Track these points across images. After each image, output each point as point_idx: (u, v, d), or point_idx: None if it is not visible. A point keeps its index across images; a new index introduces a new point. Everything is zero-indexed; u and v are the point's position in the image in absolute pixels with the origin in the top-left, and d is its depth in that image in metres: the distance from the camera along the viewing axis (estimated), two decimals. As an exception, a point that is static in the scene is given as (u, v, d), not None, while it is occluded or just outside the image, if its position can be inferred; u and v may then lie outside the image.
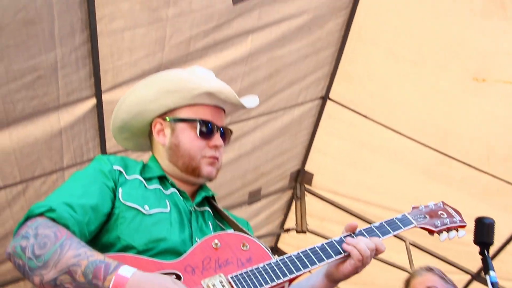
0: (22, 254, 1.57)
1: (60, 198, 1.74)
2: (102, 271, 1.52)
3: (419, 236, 5.95)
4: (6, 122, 3.53)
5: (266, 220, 6.93)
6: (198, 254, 1.77)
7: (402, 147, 5.26)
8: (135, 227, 1.81)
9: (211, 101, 2.08)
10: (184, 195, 2.05)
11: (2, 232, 4.32)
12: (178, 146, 2.04)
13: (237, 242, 1.84)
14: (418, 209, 2.20)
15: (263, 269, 1.75)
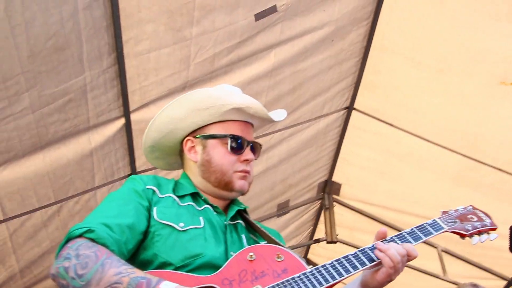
0: (65, 274, 1.62)
1: (98, 219, 1.80)
2: (144, 287, 1.56)
3: (451, 243, 5.90)
4: (40, 146, 3.63)
5: (295, 231, 6.93)
6: (234, 267, 1.80)
7: (430, 154, 5.23)
8: (171, 244, 1.85)
9: (240, 117, 2.13)
10: (217, 210, 2.09)
11: (39, 251, 4.41)
12: (210, 162, 2.09)
13: (272, 253, 1.86)
14: (448, 214, 2.19)
15: (299, 279, 1.76)
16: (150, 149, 2.27)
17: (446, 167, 5.28)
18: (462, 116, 4.79)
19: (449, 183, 5.37)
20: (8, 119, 3.31)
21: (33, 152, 3.66)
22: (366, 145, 5.60)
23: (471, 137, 4.90)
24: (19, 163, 3.66)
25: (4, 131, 3.36)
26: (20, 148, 3.56)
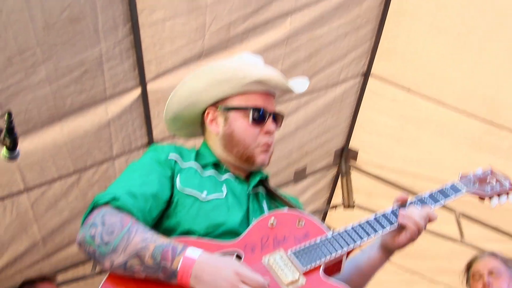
0: (92, 241, 1.65)
1: (122, 188, 1.82)
2: (170, 253, 1.58)
3: (469, 207, 5.89)
4: (57, 117, 3.66)
5: (312, 197, 6.95)
6: (256, 233, 1.82)
7: (448, 118, 5.17)
8: (194, 214, 1.87)
9: (262, 88, 2.11)
10: (238, 179, 2.09)
11: (60, 221, 4.50)
12: (232, 135, 2.07)
13: (293, 219, 1.88)
14: (467, 177, 2.20)
15: (320, 243, 1.79)
16: (172, 121, 2.26)
17: (464, 132, 5.23)
18: (481, 81, 4.71)
19: (468, 148, 5.32)
20: (26, 91, 3.34)
21: (51, 123, 3.70)
22: (383, 112, 5.55)
23: (490, 102, 4.83)
24: (38, 134, 3.71)
25: (22, 103, 3.40)
26: (38, 120, 3.60)
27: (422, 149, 5.65)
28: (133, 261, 1.60)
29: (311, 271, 1.71)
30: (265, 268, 1.70)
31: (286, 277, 1.66)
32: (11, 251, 4.50)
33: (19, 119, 3.46)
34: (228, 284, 1.53)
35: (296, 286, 1.66)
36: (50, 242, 4.71)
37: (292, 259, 1.73)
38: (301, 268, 1.70)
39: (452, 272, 4.68)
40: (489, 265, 3.49)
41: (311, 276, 1.70)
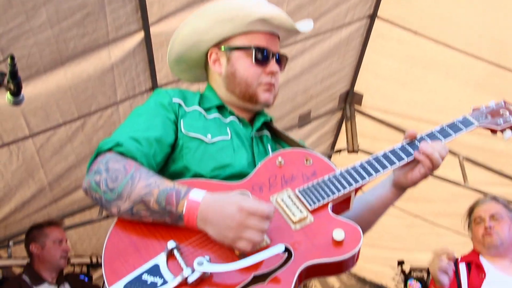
0: (97, 188, 1.65)
1: (126, 133, 1.80)
2: (174, 197, 1.59)
3: (473, 151, 5.90)
4: (60, 61, 3.62)
5: (316, 142, 6.96)
6: (264, 173, 1.81)
7: (454, 61, 5.11)
8: (199, 157, 1.86)
9: (265, 28, 2.06)
10: (243, 121, 2.08)
11: (66, 166, 4.53)
12: (234, 74, 2.05)
13: (300, 158, 1.87)
14: (479, 110, 2.15)
15: (328, 181, 1.78)
16: (175, 62, 2.22)
17: (470, 75, 5.17)
18: (489, 22, 4.62)
19: (474, 90, 5.28)
20: (27, 35, 3.29)
21: (54, 67, 3.66)
22: (389, 54, 5.48)
23: (498, 43, 4.75)
24: (41, 79, 3.68)
25: (24, 47, 3.35)
26: (41, 64, 3.56)
27: (428, 92, 5.61)
28: (138, 207, 1.61)
29: (319, 208, 1.71)
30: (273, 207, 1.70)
31: (294, 215, 1.67)
32: (19, 196, 4.56)
33: (21, 64, 3.42)
34: (234, 221, 1.53)
35: (304, 224, 1.67)
36: (57, 187, 4.76)
37: (300, 197, 1.73)
38: (309, 206, 1.71)
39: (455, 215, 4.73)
40: (491, 209, 3.51)
41: (320, 213, 1.70)
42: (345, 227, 1.65)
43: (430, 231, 7.38)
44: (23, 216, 4.87)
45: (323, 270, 1.62)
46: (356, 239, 1.62)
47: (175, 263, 1.54)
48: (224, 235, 1.54)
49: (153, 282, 1.49)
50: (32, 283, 3.94)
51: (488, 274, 3.30)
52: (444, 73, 5.32)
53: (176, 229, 1.62)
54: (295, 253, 1.59)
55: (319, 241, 1.62)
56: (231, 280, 1.51)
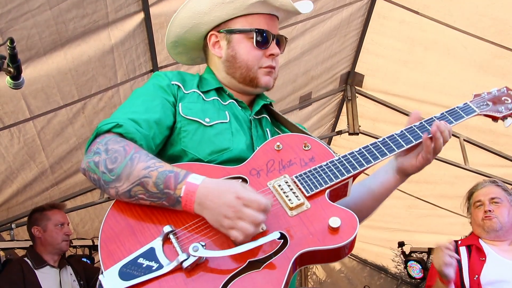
0: (96, 169, 1.65)
1: (125, 115, 1.79)
2: (173, 180, 1.58)
3: (474, 132, 5.89)
4: (60, 43, 3.60)
5: (317, 123, 6.96)
6: (262, 158, 1.81)
7: (456, 41, 5.08)
8: (198, 140, 1.85)
9: (265, 9, 2.04)
10: (242, 104, 2.07)
11: (67, 148, 4.53)
12: (235, 57, 2.04)
13: (299, 142, 1.86)
14: (480, 97, 2.12)
15: (326, 167, 1.77)
16: (173, 44, 2.20)
17: (473, 55, 5.14)
18: (490, 2, 4.58)
19: (476, 71, 5.25)
20: (26, 16, 3.27)
21: (54, 49, 3.64)
22: (390, 34, 5.44)
23: (500, 24, 4.72)
24: (41, 61, 3.66)
25: (23, 29, 3.33)
26: (41, 46, 3.54)
27: (429, 72, 5.59)
28: (137, 189, 1.60)
29: (316, 195, 1.71)
30: (270, 193, 1.70)
31: (290, 201, 1.67)
32: (21, 178, 4.56)
33: (21, 46, 3.41)
34: (230, 209, 1.52)
35: (301, 210, 1.66)
36: (59, 169, 4.77)
37: (297, 183, 1.73)
38: (306, 193, 1.70)
39: (456, 197, 4.74)
40: (490, 193, 3.51)
41: (316, 200, 1.69)
42: (342, 214, 1.63)
43: (431, 212, 7.41)
44: (25, 198, 4.88)
45: (318, 257, 1.61)
46: (352, 227, 1.61)
47: (171, 247, 1.54)
48: (219, 222, 1.54)
49: (149, 266, 1.50)
50: (34, 266, 3.97)
51: (488, 257, 3.31)
52: (446, 54, 5.29)
53: (173, 213, 1.62)
54: (291, 240, 1.58)
55: (315, 228, 1.61)
56: (226, 266, 1.52)
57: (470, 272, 3.29)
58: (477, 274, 3.24)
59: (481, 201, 3.50)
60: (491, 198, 3.47)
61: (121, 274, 1.48)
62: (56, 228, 4.14)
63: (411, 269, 7.36)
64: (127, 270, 1.49)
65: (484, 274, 3.22)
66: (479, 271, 3.24)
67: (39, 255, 4.07)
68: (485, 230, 3.41)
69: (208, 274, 1.50)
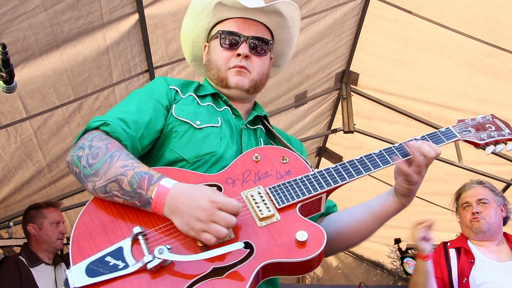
0: (78, 162, 1.70)
1: (116, 114, 1.84)
2: (146, 181, 1.61)
3: (468, 130, 5.93)
4: (55, 44, 3.64)
5: (313, 122, 7.00)
6: (239, 167, 1.83)
7: (449, 41, 5.12)
8: (186, 141, 1.89)
9: (235, 13, 2.09)
10: (235, 112, 2.10)
11: (64, 147, 4.57)
12: (209, 60, 2.12)
13: (277, 155, 1.88)
14: (464, 122, 2.11)
15: (300, 181, 1.79)
16: (194, 64, 2.32)
17: (466, 55, 5.19)
18: (482, 1, 4.63)
19: (469, 70, 5.30)
20: (21, 18, 3.31)
21: (50, 50, 3.68)
22: (384, 34, 5.49)
23: (492, 23, 4.76)
24: (37, 62, 3.70)
25: (19, 30, 3.37)
26: (36, 47, 3.58)
27: (423, 72, 5.63)
28: (112, 186, 1.64)
29: (287, 208, 1.72)
30: (242, 203, 1.72)
31: (261, 212, 1.68)
32: (18, 177, 4.61)
33: (16, 47, 3.46)
34: (204, 212, 1.54)
35: (270, 221, 1.67)
36: (56, 168, 4.81)
37: (270, 195, 1.74)
38: (277, 205, 1.71)
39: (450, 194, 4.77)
40: (477, 194, 3.53)
41: (287, 213, 1.71)
42: (310, 229, 1.64)
43: (426, 209, 7.45)
44: (22, 196, 4.93)
45: (285, 269, 1.62)
46: (319, 242, 1.61)
47: (139, 248, 1.57)
48: (190, 226, 1.55)
49: (115, 264, 1.53)
50: (29, 264, 4.00)
51: (476, 258, 3.35)
52: (439, 53, 5.34)
53: (146, 215, 1.65)
54: (257, 250, 1.59)
55: (282, 240, 1.62)
56: (190, 271, 1.53)
57: (459, 275, 3.33)
58: (466, 277, 3.28)
59: (468, 203, 3.53)
60: (478, 199, 3.50)
61: (88, 270, 1.51)
62: (52, 227, 4.18)
63: (407, 265, 7.40)
64: (94, 267, 1.52)
65: (473, 277, 3.27)
66: (467, 274, 3.28)
67: (33, 253, 4.11)
68: (473, 231, 3.45)
69: (172, 277, 1.52)
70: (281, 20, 2.15)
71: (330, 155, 7.76)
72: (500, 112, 5.62)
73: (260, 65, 2.10)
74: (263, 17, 2.12)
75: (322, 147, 7.78)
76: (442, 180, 6.66)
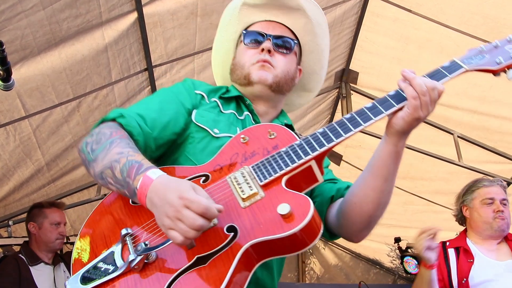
0: (85, 148, 1.69)
1: (137, 110, 1.83)
2: (134, 170, 1.55)
3: (468, 129, 5.94)
4: (54, 42, 3.64)
5: (313, 120, 6.99)
6: (227, 152, 1.77)
7: (449, 40, 5.12)
8: (201, 148, 1.86)
9: (260, 17, 2.09)
10: (257, 119, 2.04)
11: (62, 146, 4.57)
12: (235, 62, 2.11)
13: (264, 132, 1.79)
14: (475, 50, 1.84)
15: (284, 153, 1.66)
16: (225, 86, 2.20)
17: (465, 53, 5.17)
18: (482, 0, 4.62)
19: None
20: (20, 16, 3.31)
21: (48, 49, 3.68)
22: (383, 32, 5.48)
23: (491, 22, 4.76)
24: (36, 60, 3.70)
25: (17, 29, 3.37)
26: (35, 45, 3.58)
27: (422, 70, 5.46)
28: (107, 172, 1.61)
29: (271, 183, 1.61)
30: (227, 186, 1.65)
31: (243, 192, 1.59)
32: (17, 176, 4.61)
33: (15, 45, 3.45)
34: (171, 208, 1.44)
35: (254, 200, 1.57)
36: (55, 167, 4.81)
37: (253, 173, 1.65)
38: (260, 182, 1.61)
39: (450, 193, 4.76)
40: (500, 193, 3.47)
41: (272, 189, 1.59)
42: (293, 200, 1.52)
43: (426, 208, 7.45)
44: (22, 195, 4.93)
45: (274, 248, 1.51)
46: (302, 213, 1.47)
47: (127, 250, 1.56)
48: (161, 221, 1.47)
49: (106, 269, 1.54)
50: (29, 262, 4.01)
51: (475, 258, 3.32)
52: (439, 52, 5.33)
53: (139, 213, 1.64)
54: (240, 232, 1.51)
55: (264, 218, 1.51)
56: (174, 264, 1.50)
57: (458, 275, 3.30)
58: (465, 277, 3.25)
59: (493, 199, 3.43)
60: (502, 198, 3.43)
61: (82, 278, 1.54)
62: (51, 227, 4.18)
63: (407, 264, 7.39)
64: (88, 275, 1.54)
65: (472, 277, 3.24)
66: (467, 274, 3.26)
67: (33, 252, 4.11)
68: (494, 229, 3.36)
69: (157, 273, 1.50)
70: (306, 23, 2.12)
71: (330, 154, 7.71)
72: (499, 110, 5.65)
73: (285, 63, 2.05)
74: (287, 19, 2.10)
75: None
76: (442, 179, 6.65)
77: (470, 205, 3.53)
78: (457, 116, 5.90)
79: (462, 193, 3.64)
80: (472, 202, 3.52)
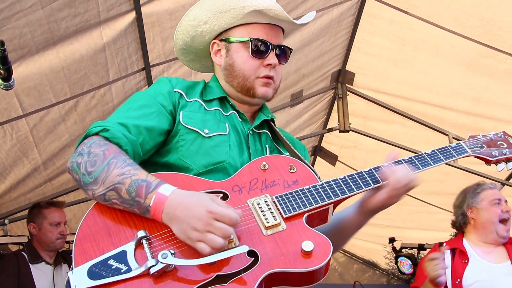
0: (78, 170, 1.70)
1: (117, 119, 1.83)
2: (144, 189, 1.61)
3: (463, 130, 5.97)
4: (52, 41, 3.64)
5: (309, 121, 7.01)
6: (246, 175, 1.83)
7: (445, 41, 5.15)
8: (195, 150, 1.87)
9: (264, 19, 2.04)
10: (242, 116, 2.08)
11: (60, 145, 4.58)
12: (232, 66, 2.04)
13: (285, 164, 1.88)
14: (475, 138, 2.11)
15: (308, 191, 1.78)
16: (182, 52, 2.22)
17: (461, 55, 5.22)
18: (478, 2, 4.65)
19: (464, 70, 5.33)
20: (18, 15, 3.31)
21: (46, 48, 3.68)
22: (380, 33, 5.51)
23: (487, 24, 4.79)
24: (34, 59, 3.70)
25: (15, 27, 3.37)
26: (33, 44, 3.58)
27: (419, 71, 5.66)
28: (111, 193, 1.64)
29: (293, 217, 1.71)
30: (248, 211, 1.71)
31: (267, 221, 1.67)
32: (14, 175, 4.61)
33: (13, 44, 3.45)
34: (200, 222, 1.52)
35: (276, 230, 1.67)
36: (51, 166, 4.81)
37: (277, 204, 1.74)
38: (284, 214, 1.71)
39: (445, 194, 4.80)
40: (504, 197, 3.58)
41: (293, 222, 1.70)
42: (316, 239, 1.63)
43: (421, 209, 7.49)
44: (18, 194, 4.93)
45: (290, 279, 1.60)
46: (325, 253, 1.60)
47: (142, 252, 1.57)
48: (187, 234, 1.54)
49: (118, 268, 1.53)
50: (30, 260, 4.02)
51: (470, 259, 3.37)
52: (435, 53, 5.36)
53: (150, 220, 1.65)
54: (262, 259, 1.58)
55: (288, 250, 1.61)
56: (193, 277, 1.53)
57: (452, 276, 3.35)
58: (459, 278, 3.30)
59: (500, 200, 3.53)
60: (505, 200, 3.55)
61: (90, 273, 1.52)
62: (51, 227, 4.18)
63: (401, 264, 7.43)
64: (96, 270, 1.52)
65: (466, 277, 3.30)
66: (461, 275, 3.31)
67: (36, 251, 4.13)
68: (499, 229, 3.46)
69: (174, 283, 1.52)
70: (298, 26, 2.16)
71: (326, 154, 7.77)
72: (494, 112, 5.68)
73: (280, 72, 2.11)
74: (288, 25, 2.11)
75: (317, 146, 7.79)
76: (437, 180, 6.68)
77: (478, 206, 3.59)
78: (452, 117, 5.93)
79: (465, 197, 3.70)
80: (480, 203, 3.59)
